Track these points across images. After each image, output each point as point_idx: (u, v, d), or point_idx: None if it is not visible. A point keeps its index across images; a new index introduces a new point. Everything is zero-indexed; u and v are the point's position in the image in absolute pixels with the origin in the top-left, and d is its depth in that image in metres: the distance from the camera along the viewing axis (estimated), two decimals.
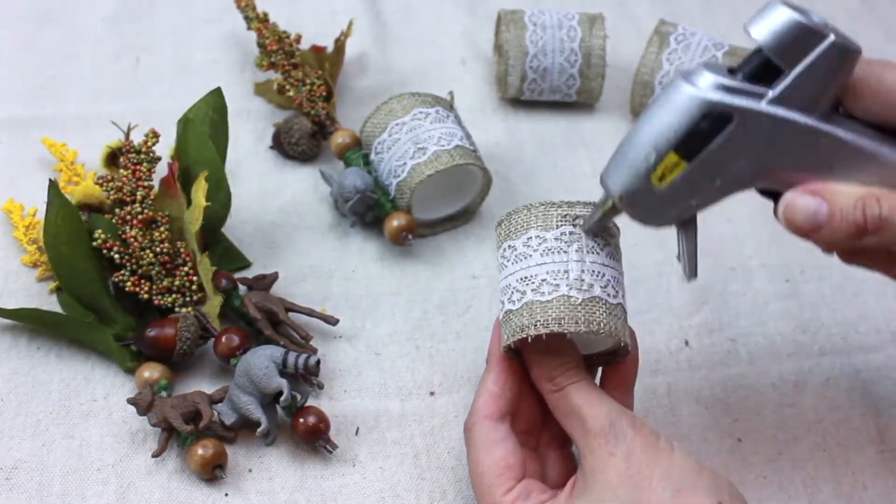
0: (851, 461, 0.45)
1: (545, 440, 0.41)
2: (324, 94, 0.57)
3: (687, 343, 0.49)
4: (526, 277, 0.38)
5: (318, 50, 0.60)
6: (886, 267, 0.39)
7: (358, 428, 0.45)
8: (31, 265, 0.50)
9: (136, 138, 0.55)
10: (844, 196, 0.35)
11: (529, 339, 0.38)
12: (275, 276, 0.49)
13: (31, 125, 0.57)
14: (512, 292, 0.39)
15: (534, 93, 0.60)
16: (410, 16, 0.67)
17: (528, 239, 0.39)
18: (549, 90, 0.60)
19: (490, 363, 0.41)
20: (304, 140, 0.56)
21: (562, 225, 0.39)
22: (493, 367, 0.40)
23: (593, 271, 0.37)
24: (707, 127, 0.33)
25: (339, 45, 0.60)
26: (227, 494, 0.42)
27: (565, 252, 0.38)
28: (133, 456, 0.43)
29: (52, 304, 0.49)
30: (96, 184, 0.49)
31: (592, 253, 0.38)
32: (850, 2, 0.72)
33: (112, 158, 0.54)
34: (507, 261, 0.39)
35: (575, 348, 0.39)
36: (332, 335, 0.49)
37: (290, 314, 0.47)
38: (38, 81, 0.60)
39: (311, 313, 0.48)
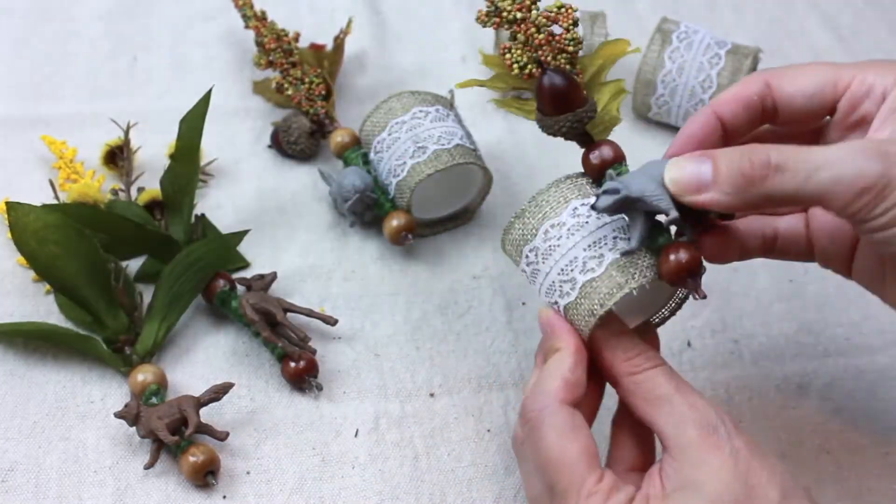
0: (856, 464, 0.45)
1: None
2: (323, 92, 0.57)
3: (689, 344, 0.49)
4: (595, 241, 0.37)
5: (316, 48, 0.60)
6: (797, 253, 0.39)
7: (357, 430, 0.45)
8: (27, 266, 0.50)
9: (135, 137, 0.54)
10: (729, 151, 0.34)
11: (634, 293, 0.36)
12: (273, 277, 0.49)
13: (26, 123, 0.57)
14: (585, 262, 0.37)
15: None
16: (410, 13, 0.67)
17: (573, 210, 0.38)
18: None
19: (564, 350, 0.38)
20: (302, 139, 0.56)
21: (594, 190, 0.38)
22: (569, 355, 0.37)
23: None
24: None
25: (339, 43, 0.59)
26: (224, 497, 0.42)
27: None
28: (130, 458, 0.43)
29: (48, 305, 0.49)
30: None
31: None
32: (855, 1, 0.71)
33: (111, 156, 0.54)
34: (560, 238, 0.38)
35: (647, 331, 0.38)
36: (330, 336, 0.48)
37: (289, 315, 0.47)
38: (33, 80, 0.60)
39: (309, 314, 0.47)
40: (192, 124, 0.49)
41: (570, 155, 0.59)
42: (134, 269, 0.50)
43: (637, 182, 0.36)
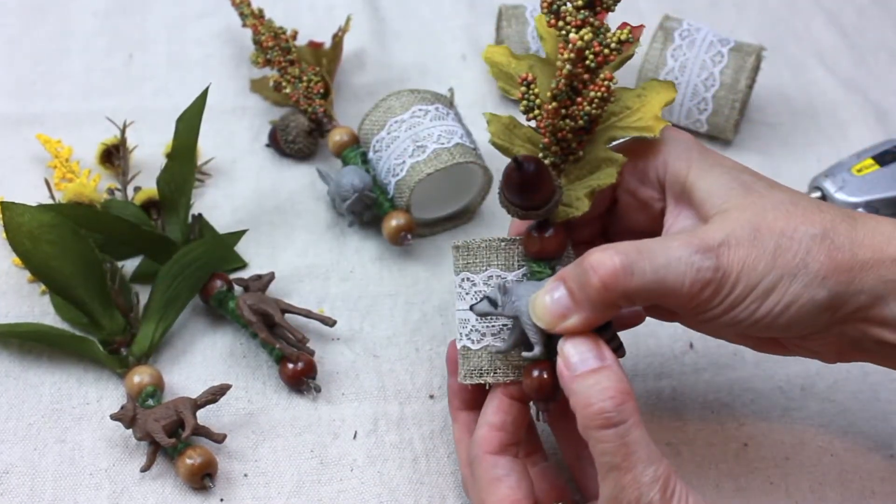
0: (859, 466, 0.44)
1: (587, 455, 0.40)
2: (321, 90, 0.56)
3: (692, 346, 0.49)
4: (486, 319, 0.38)
5: (315, 46, 0.60)
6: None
7: (356, 431, 0.44)
8: (22, 266, 0.49)
9: (131, 136, 0.54)
10: (573, 269, 0.34)
11: (487, 387, 0.38)
12: (271, 277, 0.49)
13: (21, 122, 0.57)
14: (471, 330, 0.38)
15: None
16: (409, 11, 0.67)
17: (488, 277, 0.38)
18: None
19: (491, 390, 0.39)
20: (300, 138, 0.55)
21: (522, 266, 0.38)
22: (493, 396, 0.39)
23: None
24: None
25: (337, 40, 0.59)
26: (222, 500, 0.42)
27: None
28: (126, 460, 0.43)
29: (44, 305, 0.48)
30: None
31: None
32: None
33: (107, 156, 0.54)
34: (467, 294, 0.39)
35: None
36: (329, 337, 0.48)
37: (287, 315, 0.47)
38: (28, 78, 0.60)
39: (307, 315, 0.47)
40: (189, 123, 0.48)
41: None
42: (130, 270, 0.49)
43: (523, 299, 0.36)
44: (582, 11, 0.36)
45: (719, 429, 0.45)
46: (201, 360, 0.47)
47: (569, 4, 0.36)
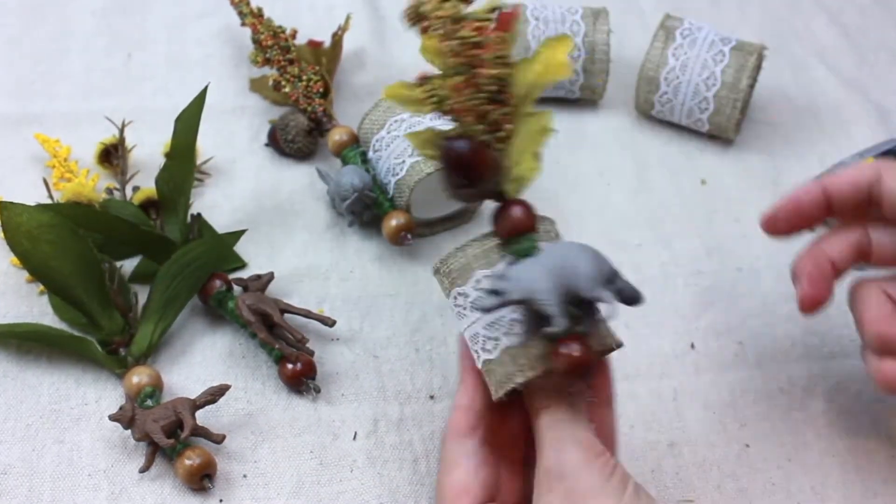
0: (861, 467, 0.44)
1: (532, 456, 0.39)
2: (321, 90, 0.56)
3: (693, 346, 0.48)
4: (493, 322, 0.37)
5: (314, 45, 0.59)
6: None
7: (356, 432, 0.44)
8: (20, 266, 0.49)
9: (130, 136, 0.54)
10: None
11: (519, 388, 0.36)
12: (270, 277, 0.48)
13: (20, 121, 0.57)
14: (484, 341, 0.37)
15: None
16: None
17: (476, 282, 0.37)
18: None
19: (461, 376, 0.39)
20: (300, 137, 0.55)
21: (503, 256, 0.37)
22: (463, 380, 0.39)
23: None
24: None
25: (337, 39, 0.59)
26: (221, 501, 0.42)
27: None
28: (125, 461, 0.42)
29: (42, 306, 0.48)
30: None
31: None
32: None
33: (105, 155, 0.54)
34: (464, 308, 0.38)
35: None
36: (328, 337, 0.48)
37: (286, 316, 0.46)
38: (27, 77, 0.60)
39: (307, 315, 0.47)
40: (188, 122, 0.48)
41: (571, 154, 0.58)
42: (129, 270, 0.49)
43: (527, 277, 0.34)
44: (444, 5, 0.36)
45: (721, 429, 0.45)
46: (200, 361, 0.47)
47: (427, 6, 0.36)
